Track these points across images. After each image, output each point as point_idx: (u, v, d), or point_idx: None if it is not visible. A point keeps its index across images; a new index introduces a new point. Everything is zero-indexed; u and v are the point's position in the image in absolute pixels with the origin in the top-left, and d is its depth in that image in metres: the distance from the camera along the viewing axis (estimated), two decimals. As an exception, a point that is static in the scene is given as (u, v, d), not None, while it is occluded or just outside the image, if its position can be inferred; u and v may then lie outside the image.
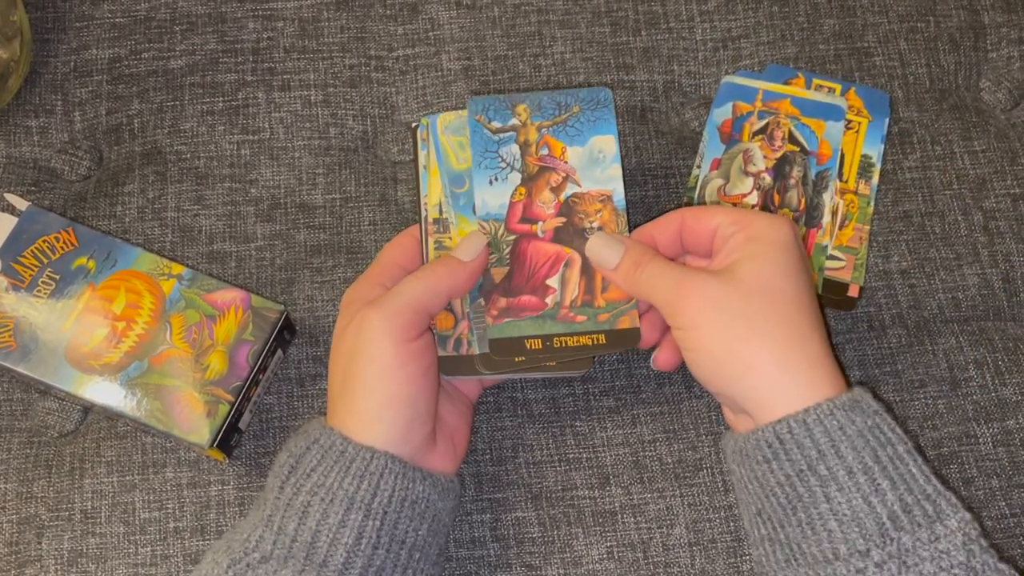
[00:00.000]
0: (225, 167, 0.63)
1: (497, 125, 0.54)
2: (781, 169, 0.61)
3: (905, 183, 0.63)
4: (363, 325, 0.48)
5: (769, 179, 0.61)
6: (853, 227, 0.61)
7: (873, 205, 0.62)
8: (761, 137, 0.62)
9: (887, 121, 0.63)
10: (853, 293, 0.60)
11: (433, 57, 0.66)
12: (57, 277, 0.55)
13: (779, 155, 0.61)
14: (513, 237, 0.53)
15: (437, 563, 0.50)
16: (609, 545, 0.55)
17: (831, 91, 0.64)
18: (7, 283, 0.55)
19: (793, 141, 0.61)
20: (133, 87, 0.65)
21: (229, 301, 0.55)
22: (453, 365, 0.52)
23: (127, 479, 0.56)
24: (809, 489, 0.43)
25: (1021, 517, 0.55)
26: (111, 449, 0.56)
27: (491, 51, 0.65)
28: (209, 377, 0.54)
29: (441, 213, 0.54)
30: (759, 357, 0.45)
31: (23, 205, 0.57)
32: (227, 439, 0.54)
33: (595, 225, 0.53)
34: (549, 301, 0.52)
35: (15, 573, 0.54)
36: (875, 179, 0.62)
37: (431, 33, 0.66)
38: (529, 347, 0.51)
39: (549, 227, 0.53)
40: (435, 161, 0.54)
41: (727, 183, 0.61)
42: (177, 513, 0.55)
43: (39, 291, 0.55)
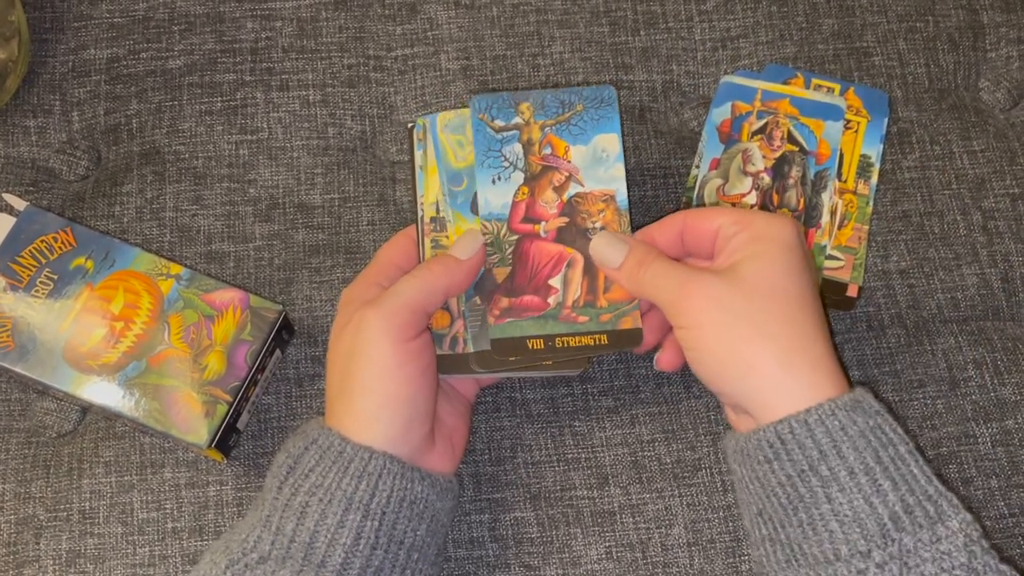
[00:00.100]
0: (223, 167, 0.63)
1: (500, 124, 0.54)
2: (780, 169, 0.61)
3: (904, 183, 0.63)
4: (361, 325, 0.48)
5: (768, 179, 0.61)
6: (852, 227, 0.61)
7: (872, 205, 0.62)
8: (760, 137, 0.62)
9: (886, 121, 0.63)
10: (852, 293, 0.60)
11: (432, 57, 0.65)
12: (55, 277, 0.55)
13: (778, 155, 0.61)
14: (515, 237, 0.53)
15: (436, 563, 0.50)
16: (608, 545, 0.55)
17: (830, 91, 0.64)
18: (5, 283, 0.55)
19: (792, 141, 0.61)
20: (131, 87, 0.65)
21: (227, 301, 0.55)
22: (449, 364, 0.52)
23: (125, 479, 0.56)
24: (810, 489, 0.43)
25: (1020, 517, 0.55)
26: (109, 449, 0.56)
27: (490, 51, 0.65)
28: (207, 377, 0.54)
29: (438, 212, 0.54)
30: (762, 357, 0.45)
31: (21, 205, 0.57)
32: (225, 439, 0.54)
33: (598, 225, 0.53)
34: (551, 301, 0.52)
35: (13, 573, 0.54)
36: (874, 179, 0.62)
37: (430, 33, 0.66)
38: (531, 347, 0.51)
39: (552, 227, 0.53)
40: (433, 160, 0.54)
41: (726, 183, 0.61)
42: (175, 513, 0.55)
43: (37, 291, 0.55)
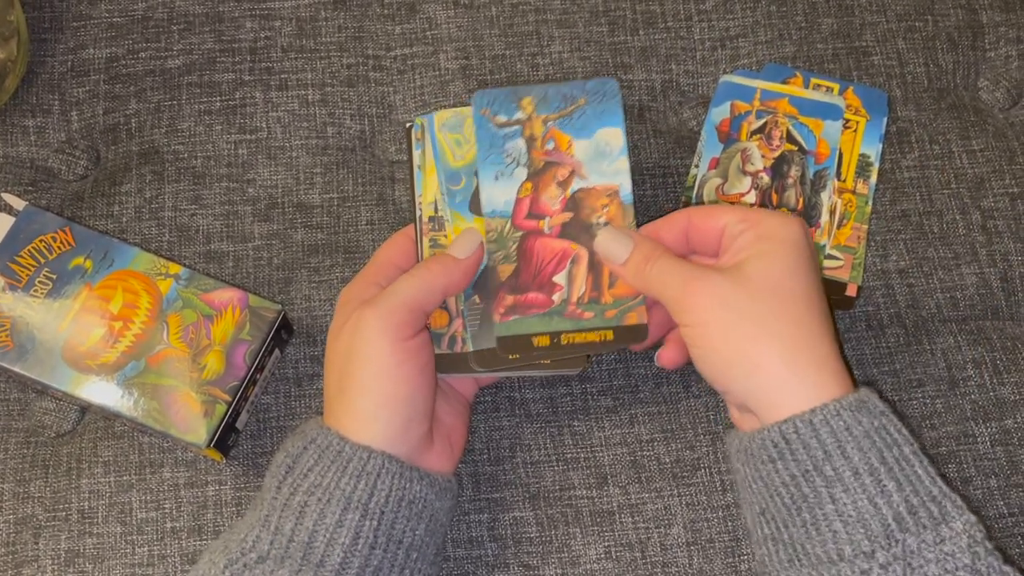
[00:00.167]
0: (222, 167, 0.63)
1: (502, 119, 0.53)
2: (779, 168, 0.61)
3: (903, 182, 0.63)
4: (359, 324, 0.48)
5: (767, 178, 0.60)
6: (851, 226, 0.61)
7: (871, 204, 0.62)
8: (759, 136, 0.62)
9: (885, 120, 0.63)
10: (851, 292, 0.60)
11: (431, 56, 0.65)
12: (54, 277, 0.55)
13: (777, 154, 0.61)
14: (520, 233, 0.52)
15: (435, 563, 0.50)
16: (607, 545, 0.55)
17: (829, 90, 0.64)
18: (4, 283, 0.55)
19: (791, 140, 0.61)
20: (130, 87, 0.65)
21: (226, 301, 0.55)
22: (448, 363, 0.52)
23: (124, 479, 0.56)
24: (814, 489, 0.43)
25: (1019, 516, 0.55)
26: (108, 449, 0.56)
27: (489, 50, 0.65)
28: (206, 377, 0.54)
29: (436, 211, 0.54)
30: (767, 356, 0.45)
31: (20, 205, 0.57)
32: (224, 439, 0.54)
33: (602, 220, 0.52)
34: (556, 298, 0.51)
35: (12, 573, 0.54)
36: (873, 178, 0.62)
37: (429, 32, 0.66)
38: (536, 344, 0.51)
39: (556, 223, 0.52)
40: (431, 159, 0.54)
41: (725, 182, 0.61)
42: (174, 513, 0.55)
43: (36, 291, 0.55)
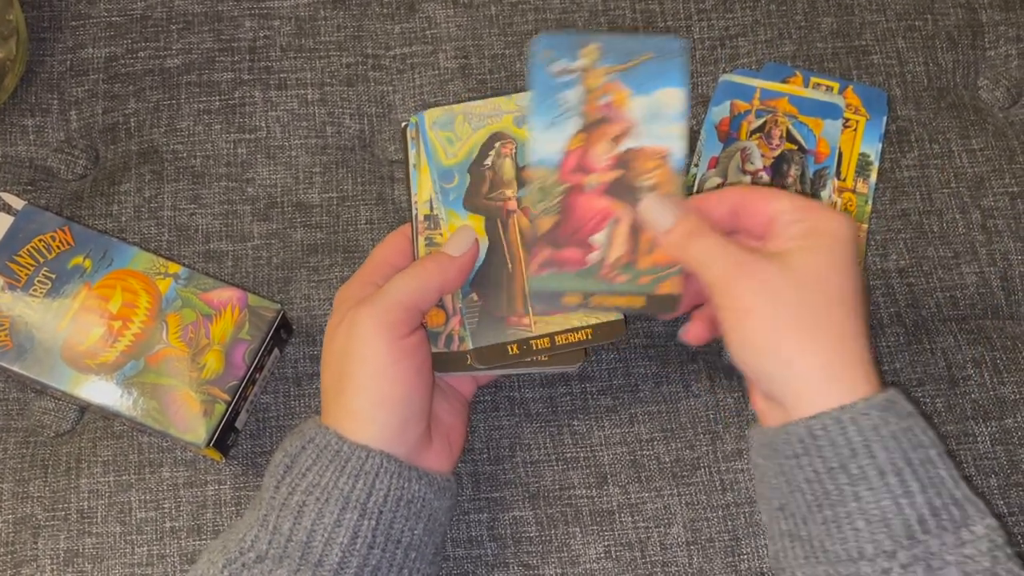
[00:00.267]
0: (222, 166, 0.63)
1: (561, 66, 0.51)
2: (779, 168, 0.61)
3: (903, 181, 0.63)
4: (354, 323, 0.48)
5: (767, 177, 0.60)
6: (851, 226, 0.61)
7: (871, 204, 0.62)
8: (759, 135, 0.62)
9: (885, 119, 0.63)
10: (851, 292, 0.60)
11: (430, 56, 0.65)
12: (53, 276, 0.55)
13: (777, 153, 0.61)
14: (565, 187, 0.51)
15: (434, 562, 0.50)
16: (607, 544, 0.54)
17: (829, 89, 0.63)
18: (3, 282, 0.55)
19: (791, 140, 0.61)
20: (129, 86, 0.65)
21: (225, 300, 0.55)
22: (445, 361, 0.52)
23: (123, 479, 0.56)
24: (838, 487, 0.43)
25: (1019, 516, 0.55)
26: (107, 449, 0.56)
27: (488, 50, 0.65)
28: (205, 376, 0.53)
29: (431, 209, 0.54)
30: (803, 349, 0.45)
31: (19, 204, 0.57)
32: (223, 439, 0.54)
33: (649, 183, 0.50)
34: (592, 257, 0.50)
35: (11, 573, 0.54)
36: (873, 177, 0.62)
37: (428, 32, 0.66)
38: (566, 302, 0.50)
39: (602, 180, 0.50)
40: (424, 158, 0.54)
41: (724, 181, 0.61)
42: (173, 513, 0.55)
43: (35, 290, 0.55)
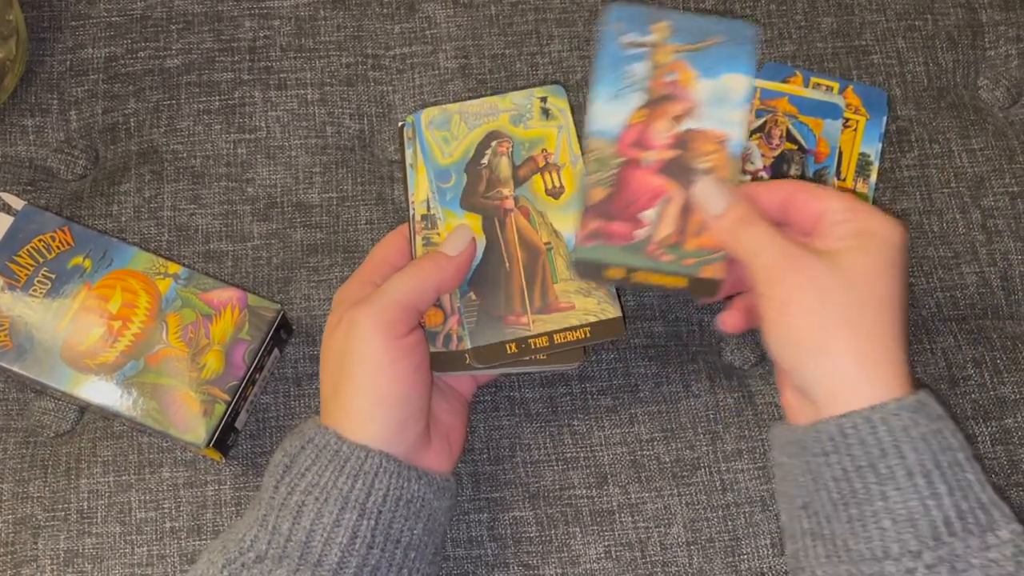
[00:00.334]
0: (221, 166, 0.63)
1: (631, 39, 0.51)
2: (779, 167, 0.61)
3: (903, 181, 0.63)
4: (352, 323, 0.48)
5: (767, 177, 0.60)
6: (851, 225, 0.61)
7: (871, 203, 0.62)
8: (759, 135, 0.62)
9: (885, 119, 0.63)
10: (851, 292, 0.59)
11: (430, 56, 0.65)
12: (53, 276, 0.55)
13: (777, 153, 0.61)
14: (621, 160, 0.50)
15: (433, 562, 0.50)
16: (607, 544, 0.54)
17: (829, 89, 0.63)
18: (3, 282, 0.55)
19: (791, 139, 0.61)
20: (129, 86, 0.65)
21: (225, 300, 0.55)
22: (443, 361, 0.52)
23: (123, 479, 0.56)
24: (865, 486, 0.43)
25: (1019, 516, 0.55)
26: (107, 449, 0.56)
27: (488, 49, 0.65)
28: (205, 376, 0.53)
29: (428, 209, 0.54)
30: (841, 347, 0.45)
31: (19, 204, 0.57)
32: (223, 439, 0.54)
33: (705, 166, 0.50)
34: (640, 233, 0.50)
35: (11, 573, 0.54)
36: (873, 177, 0.62)
37: (428, 31, 0.66)
38: (609, 275, 0.50)
39: (659, 157, 0.50)
40: (421, 157, 0.54)
41: (725, 181, 0.61)
42: (173, 513, 0.55)
43: (35, 290, 0.55)
